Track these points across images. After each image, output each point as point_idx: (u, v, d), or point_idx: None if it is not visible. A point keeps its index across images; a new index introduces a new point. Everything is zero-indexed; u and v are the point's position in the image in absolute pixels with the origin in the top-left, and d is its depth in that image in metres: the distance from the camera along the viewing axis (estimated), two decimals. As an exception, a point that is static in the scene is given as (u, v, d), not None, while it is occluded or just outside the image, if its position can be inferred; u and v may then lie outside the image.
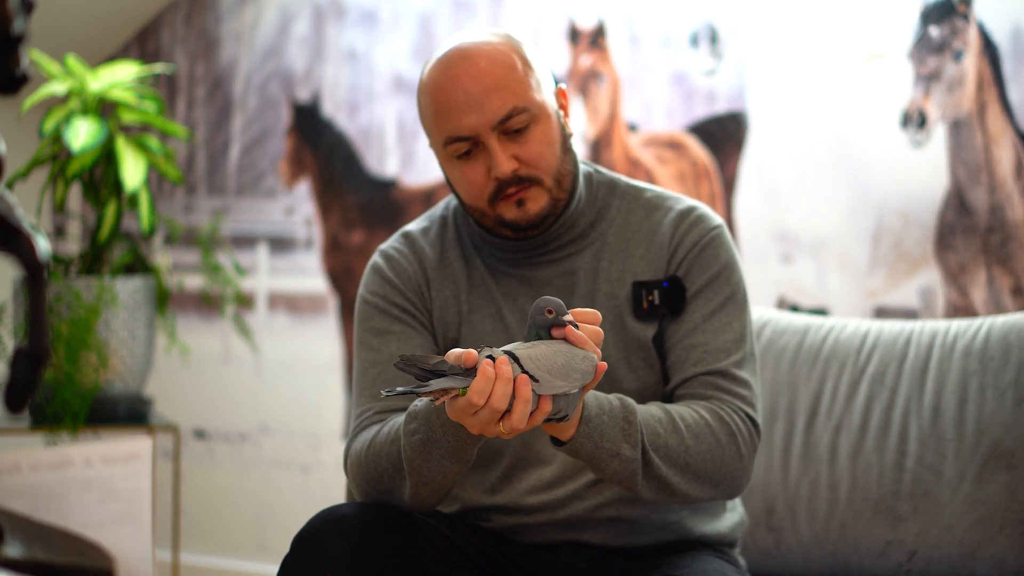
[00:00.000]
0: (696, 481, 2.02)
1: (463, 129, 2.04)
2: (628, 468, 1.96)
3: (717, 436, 2.02)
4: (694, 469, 2.01)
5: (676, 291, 2.11)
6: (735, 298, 2.13)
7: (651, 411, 1.99)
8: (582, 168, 2.18)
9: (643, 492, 2.00)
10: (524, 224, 2.09)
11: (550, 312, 1.83)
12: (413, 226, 2.24)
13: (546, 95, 2.09)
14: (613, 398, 1.96)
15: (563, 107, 2.13)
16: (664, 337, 2.12)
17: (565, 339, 1.84)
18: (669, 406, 2.02)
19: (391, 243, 2.22)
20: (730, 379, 2.07)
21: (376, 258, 2.21)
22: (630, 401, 1.98)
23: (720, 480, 2.04)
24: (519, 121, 2.05)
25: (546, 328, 1.84)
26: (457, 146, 2.06)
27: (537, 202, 2.08)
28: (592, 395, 1.94)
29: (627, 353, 2.11)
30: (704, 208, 2.17)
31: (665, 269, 2.12)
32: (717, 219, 2.16)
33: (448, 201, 2.25)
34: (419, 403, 1.97)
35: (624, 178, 2.21)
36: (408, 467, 1.98)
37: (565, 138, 2.11)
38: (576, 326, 1.84)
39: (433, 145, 2.11)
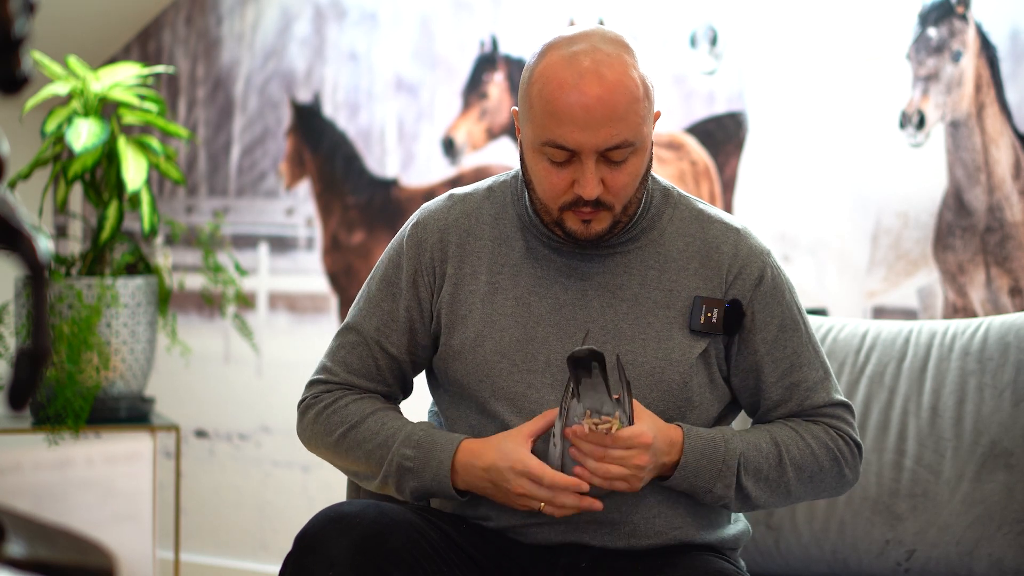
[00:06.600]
0: (794, 500, 2.20)
1: (570, 142, 2.04)
2: (720, 501, 2.13)
3: (820, 463, 2.16)
4: (793, 494, 2.17)
5: (736, 314, 2.15)
6: (806, 321, 2.22)
7: (759, 445, 2.13)
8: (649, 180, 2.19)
9: (736, 510, 2.19)
10: (581, 239, 2.11)
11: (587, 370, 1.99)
12: (460, 189, 2.25)
13: (650, 123, 2.09)
14: (718, 437, 2.11)
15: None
16: (755, 374, 2.18)
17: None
18: (778, 435, 2.15)
19: (431, 204, 2.24)
20: (832, 406, 2.20)
21: (413, 217, 2.24)
22: (734, 442, 2.12)
23: (818, 495, 2.22)
24: (621, 154, 2.05)
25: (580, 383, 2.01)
26: (555, 151, 2.05)
27: (601, 223, 2.09)
28: (696, 436, 2.10)
29: (664, 364, 2.13)
30: (751, 231, 2.22)
31: (723, 291, 2.16)
32: (764, 244, 2.21)
33: (504, 175, 2.25)
34: (420, 433, 2.11)
35: (676, 187, 2.23)
36: (382, 478, 2.13)
37: (648, 168, 2.12)
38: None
39: (526, 131, 2.10)
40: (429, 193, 3.72)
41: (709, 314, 2.13)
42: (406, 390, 2.24)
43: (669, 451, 2.07)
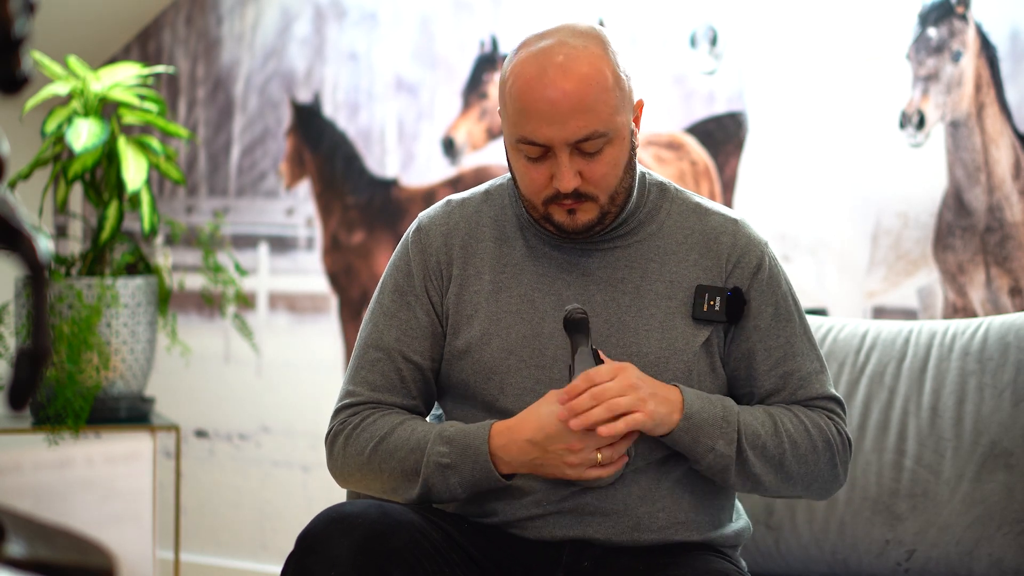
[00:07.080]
0: (788, 482, 2.15)
1: (540, 137, 2.06)
2: (721, 463, 2.09)
3: (814, 442, 2.14)
4: (788, 470, 2.13)
5: (738, 302, 2.16)
6: (801, 314, 2.22)
7: (754, 412, 2.12)
8: (637, 169, 2.19)
9: (734, 484, 2.14)
10: (569, 230, 2.12)
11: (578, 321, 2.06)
12: (457, 195, 2.27)
13: (626, 113, 2.10)
14: (714, 397, 2.11)
15: (636, 120, 2.14)
16: (748, 361, 2.18)
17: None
18: (772, 409, 2.15)
19: (430, 211, 2.26)
20: (826, 400, 2.19)
21: (413, 225, 2.25)
22: (730, 401, 2.11)
23: (811, 483, 2.17)
24: (595, 144, 2.06)
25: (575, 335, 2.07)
26: (529, 148, 2.08)
27: (587, 214, 2.11)
28: (695, 392, 2.09)
29: (668, 354, 2.14)
30: (748, 222, 2.23)
31: (723, 279, 2.17)
32: (761, 235, 2.23)
33: (501, 179, 2.26)
34: (451, 430, 2.10)
35: (672, 182, 2.25)
36: (422, 483, 2.11)
37: (631, 157, 2.13)
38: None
39: (504, 129, 2.12)
40: (429, 193, 3.72)
41: (712, 302, 2.15)
42: (429, 403, 2.24)
43: (666, 393, 2.07)
